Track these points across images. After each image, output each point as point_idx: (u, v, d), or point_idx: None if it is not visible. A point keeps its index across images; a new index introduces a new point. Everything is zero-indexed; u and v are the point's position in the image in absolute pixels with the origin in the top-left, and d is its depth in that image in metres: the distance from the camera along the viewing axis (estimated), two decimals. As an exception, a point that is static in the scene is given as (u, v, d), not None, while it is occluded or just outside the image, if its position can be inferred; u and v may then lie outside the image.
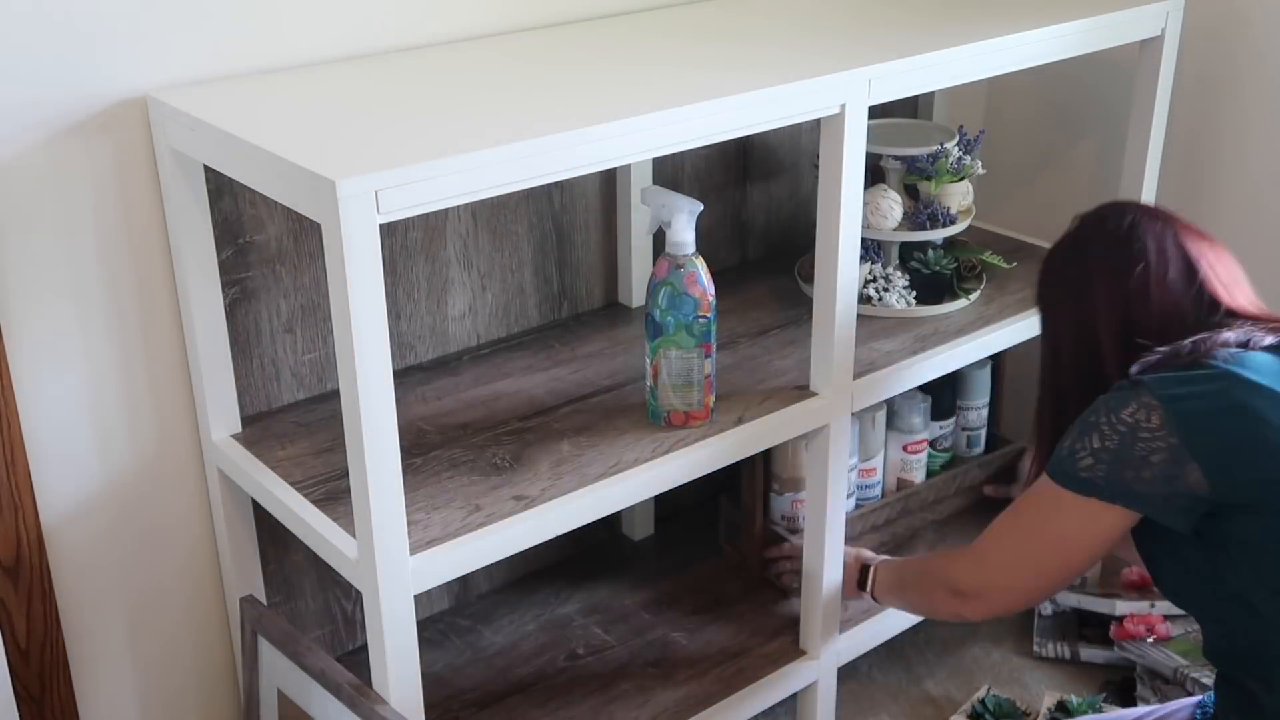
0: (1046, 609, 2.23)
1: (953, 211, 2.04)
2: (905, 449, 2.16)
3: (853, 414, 1.80)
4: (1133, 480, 1.37)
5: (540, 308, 1.98)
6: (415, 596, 1.42)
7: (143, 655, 1.75)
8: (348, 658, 1.91)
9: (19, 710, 1.63)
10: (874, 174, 2.01)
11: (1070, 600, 2.21)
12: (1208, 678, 1.97)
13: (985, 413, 2.27)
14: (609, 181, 1.99)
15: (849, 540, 1.91)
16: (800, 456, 2.00)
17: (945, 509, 2.25)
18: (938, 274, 2.02)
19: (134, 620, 1.73)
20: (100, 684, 1.72)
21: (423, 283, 1.83)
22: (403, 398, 1.73)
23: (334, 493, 1.54)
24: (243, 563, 1.73)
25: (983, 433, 2.30)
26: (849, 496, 2.14)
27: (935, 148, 2.02)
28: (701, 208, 1.62)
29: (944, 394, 2.19)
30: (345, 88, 1.56)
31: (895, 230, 2.01)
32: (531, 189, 1.62)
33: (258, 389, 1.73)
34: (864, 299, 1.98)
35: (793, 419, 1.73)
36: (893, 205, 2.00)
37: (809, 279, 1.99)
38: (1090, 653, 2.17)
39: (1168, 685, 2.02)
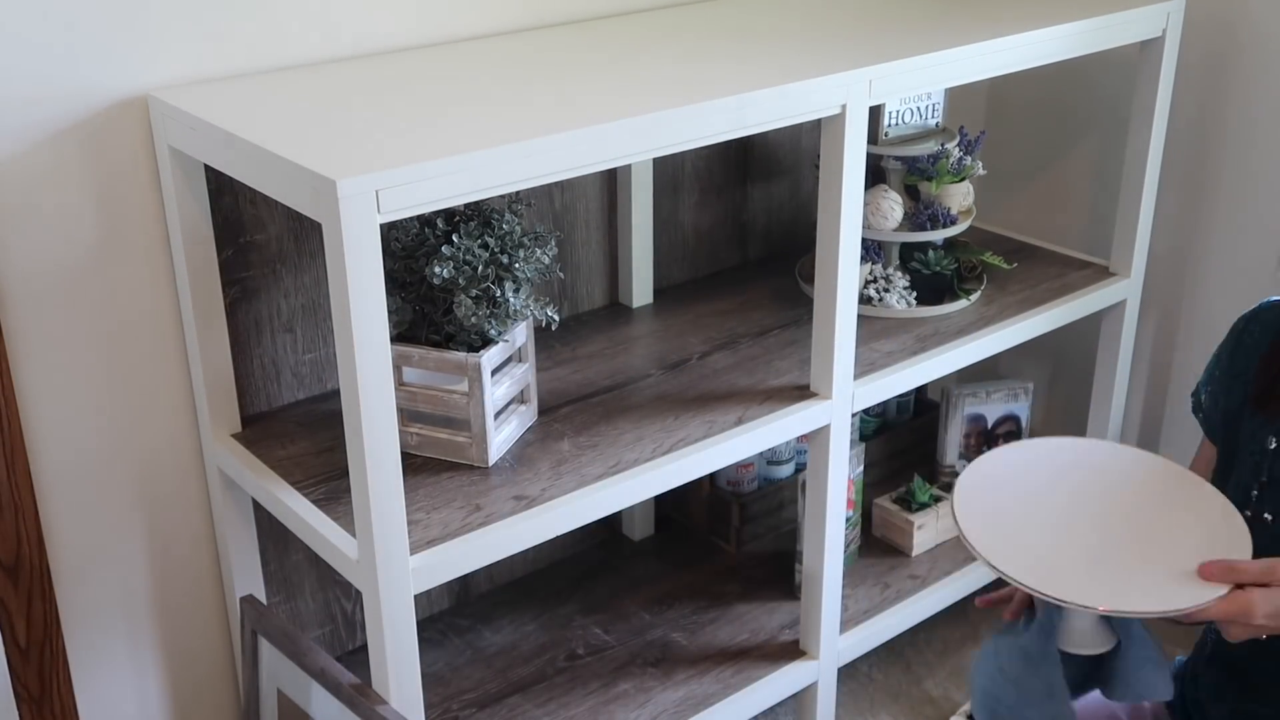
0: None
1: (953, 212, 2.04)
2: None
3: (853, 414, 1.80)
4: None
5: (540, 308, 1.98)
6: (415, 596, 1.42)
7: (143, 655, 1.75)
8: (348, 658, 1.91)
9: (19, 710, 1.63)
10: (875, 174, 2.01)
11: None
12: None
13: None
14: (609, 181, 1.99)
15: None
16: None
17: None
18: (938, 274, 2.02)
19: (134, 620, 1.73)
20: (100, 684, 1.72)
21: (423, 283, 1.83)
22: (403, 398, 1.73)
23: (334, 493, 1.54)
24: (243, 563, 1.73)
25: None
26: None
27: (936, 148, 2.02)
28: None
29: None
30: (345, 88, 1.56)
31: (896, 231, 2.01)
32: (532, 189, 1.61)
33: (258, 389, 1.73)
34: (864, 299, 1.98)
35: (793, 419, 1.73)
36: (893, 206, 2.00)
37: (809, 279, 1.99)
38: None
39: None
